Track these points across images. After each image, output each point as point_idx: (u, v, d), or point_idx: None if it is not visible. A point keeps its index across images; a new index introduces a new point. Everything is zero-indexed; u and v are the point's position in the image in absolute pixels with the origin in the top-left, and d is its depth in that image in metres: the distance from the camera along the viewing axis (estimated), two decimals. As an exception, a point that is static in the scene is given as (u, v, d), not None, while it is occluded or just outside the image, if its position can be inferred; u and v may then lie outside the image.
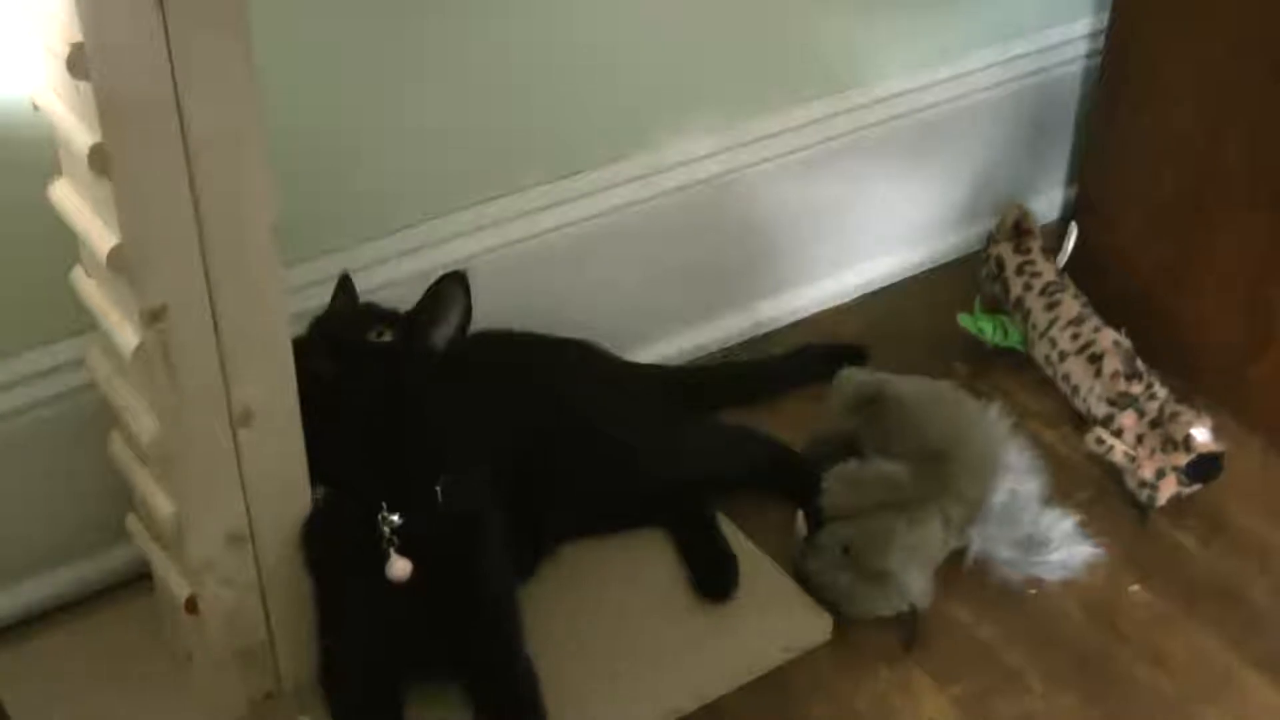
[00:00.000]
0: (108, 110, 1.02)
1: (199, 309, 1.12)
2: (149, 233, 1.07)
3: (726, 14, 1.64)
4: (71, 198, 1.14)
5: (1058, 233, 1.90)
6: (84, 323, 1.25)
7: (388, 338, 1.26)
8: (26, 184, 1.20)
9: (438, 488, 1.27)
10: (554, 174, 1.61)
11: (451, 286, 1.28)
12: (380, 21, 1.42)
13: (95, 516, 1.42)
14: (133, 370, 1.15)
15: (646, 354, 1.73)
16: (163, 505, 1.21)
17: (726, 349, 1.81)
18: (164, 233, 1.08)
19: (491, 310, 1.54)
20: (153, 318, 1.10)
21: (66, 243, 1.19)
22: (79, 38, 1.00)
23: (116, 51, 1.00)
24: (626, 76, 1.61)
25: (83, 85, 1.02)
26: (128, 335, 1.12)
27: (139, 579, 1.43)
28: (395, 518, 1.25)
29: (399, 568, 1.24)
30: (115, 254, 1.07)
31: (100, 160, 1.04)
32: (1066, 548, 1.54)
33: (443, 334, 1.29)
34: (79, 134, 1.05)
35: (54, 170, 1.17)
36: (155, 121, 1.03)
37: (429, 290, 1.29)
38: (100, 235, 1.09)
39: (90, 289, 1.19)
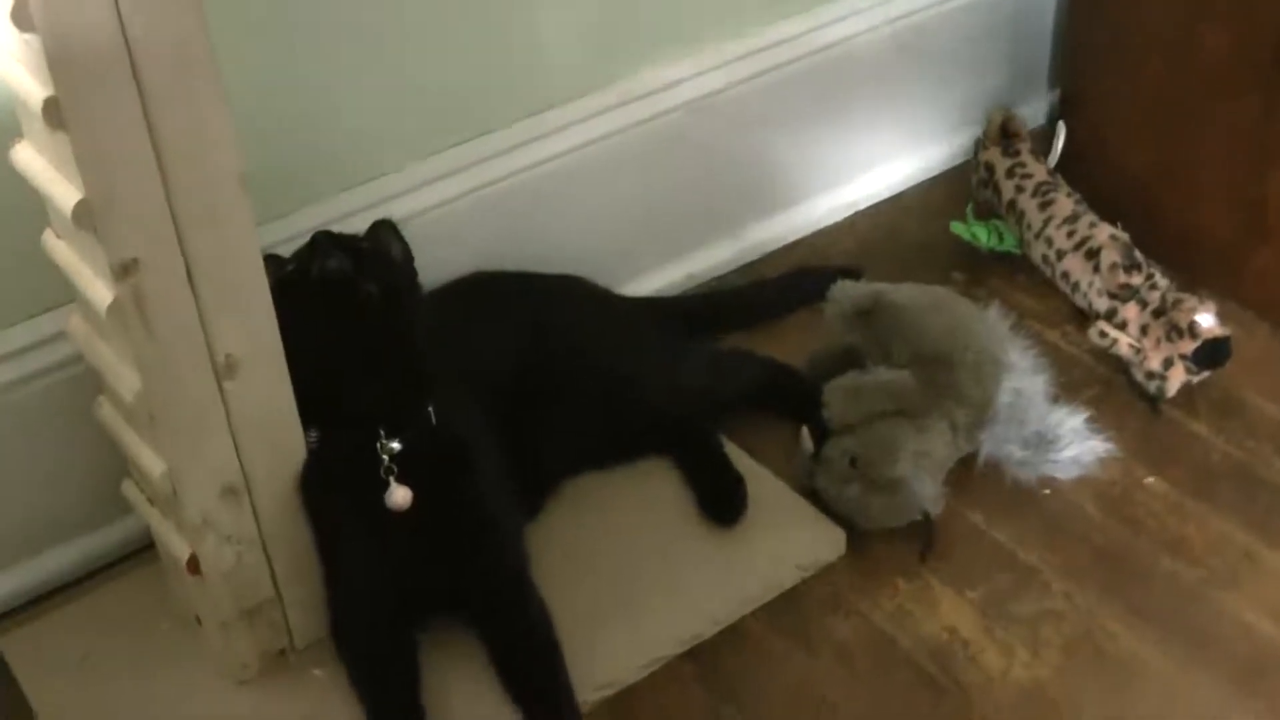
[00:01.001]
0: (57, 61, 1.00)
1: (171, 259, 1.10)
2: (112, 184, 1.05)
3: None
4: (34, 159, 1.13)
5: (1046, 136, 1.88)
6: (68, 295, 1.23)
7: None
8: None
9: (430, 409, 1.26)
10: (528, 110, 1.59)
11: (383, 230, 1.30)
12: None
13: (96, 491, 1.41)
14: (110, 328, 1.14)
15: (639, 287, 1.71)
16: (153, 464, 1.19)
17: (719, 277, 1.79)
18: (127, 183, 1.06)
19: (477, 252, 1.54)
20: (124, 271, 1.08)
21: (40, 211, 1.18)
22: (22, -11, 0.98)
23: (60, -1, 0.98)
24: (594, 4, 1.58)
25: (31, 38, 1.01)
26: (101, 292, 1.11)
27: (144, 549, 1.42)
28: (395, 444, 1.24)
29: (400, 495, 1.24)
30: (80, 209, 1.06)
31: (55, 114, 1.02)
32: (1077, 444, 1.52)
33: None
34: (33, 90, 1.03)
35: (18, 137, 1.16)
36: (106, 68, 1.01)
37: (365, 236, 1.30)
38: (64, 192, 1.07)
39: (62, 251, 1.17)
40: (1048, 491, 1.50)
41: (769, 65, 1.72)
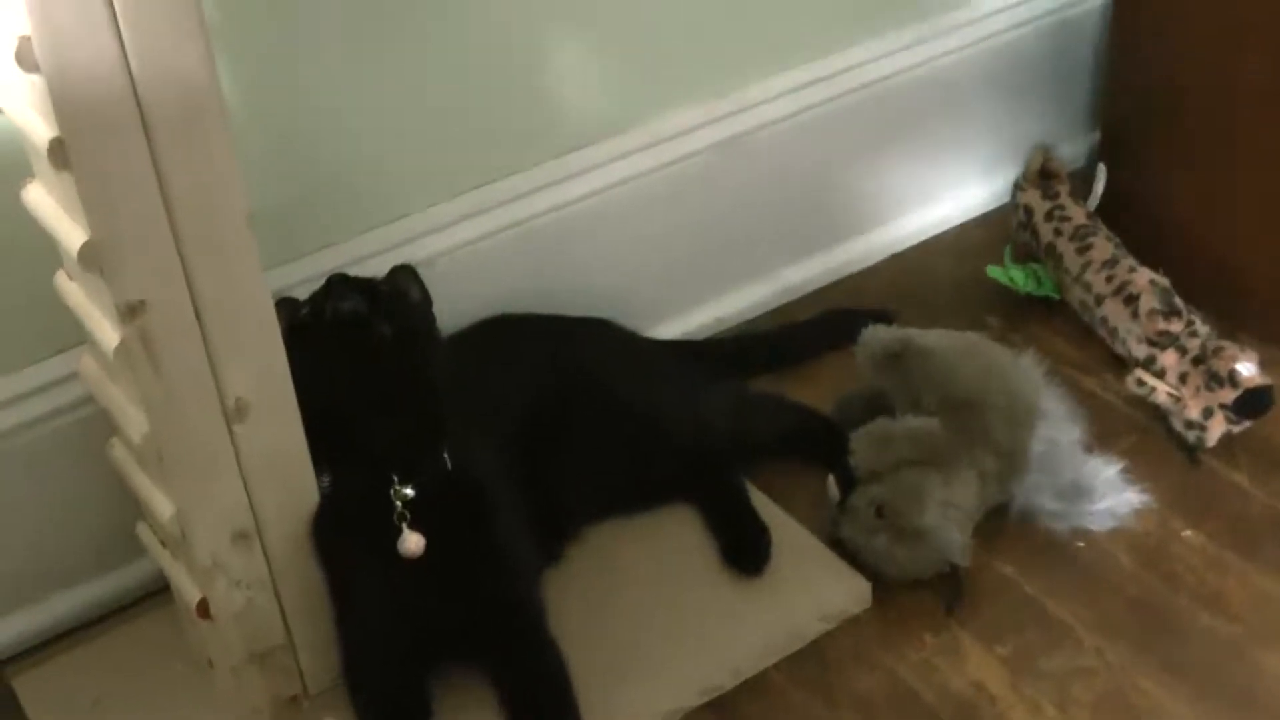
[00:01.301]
0: (62, 102, 0.99)
1: (179, 301, 1.09)
2: (118, 226, 1.05)
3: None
4: (43, 199, 1.12)
5: (1087, 178, 1.85)
6: (81, 336, 1.22)
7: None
8: (5, 194, 1.18)
9: (445, 454, 1.25)
10: (555, 151, 1.57)
11: (401, 274, 1.28)
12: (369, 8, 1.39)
13: (111, 533, 1.40)
14: (118, 369, 1.13)
15: (667, 330, 1.69)
16: (164, 507, 1.18)
17: (750, 320, 1.77)
18: (134, 225, 1.05)
19: (501, 294, 1.53)
20: (131, 313, 1.07)
21: (55, 253, 1.17)
22: (26, 31, 0.97)
23: (64, 39, 0.98)
24: (622, 46, 1.57)
25: (36, 79, 1.00)
26: (109, 334, 1.10)
27: (160, 592, 1.41)
28: (408, 490, 1.22)
29: (412, 542, 1.22)
30: (86, 250, 1.05)
31: (60, 154, 1.01)
32: (1113, 495, 1.48)
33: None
34: (39, 130, 1.03)
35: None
36: (111, 108, 1.01)
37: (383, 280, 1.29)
38: (71, 233, 1.07)
39: (73, 292, 1.17)
40: (1081, 544, 1.46)
41: (801, 106, 1.70)
